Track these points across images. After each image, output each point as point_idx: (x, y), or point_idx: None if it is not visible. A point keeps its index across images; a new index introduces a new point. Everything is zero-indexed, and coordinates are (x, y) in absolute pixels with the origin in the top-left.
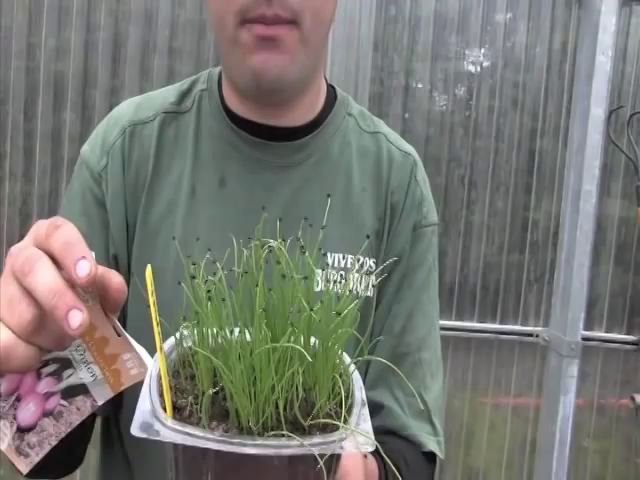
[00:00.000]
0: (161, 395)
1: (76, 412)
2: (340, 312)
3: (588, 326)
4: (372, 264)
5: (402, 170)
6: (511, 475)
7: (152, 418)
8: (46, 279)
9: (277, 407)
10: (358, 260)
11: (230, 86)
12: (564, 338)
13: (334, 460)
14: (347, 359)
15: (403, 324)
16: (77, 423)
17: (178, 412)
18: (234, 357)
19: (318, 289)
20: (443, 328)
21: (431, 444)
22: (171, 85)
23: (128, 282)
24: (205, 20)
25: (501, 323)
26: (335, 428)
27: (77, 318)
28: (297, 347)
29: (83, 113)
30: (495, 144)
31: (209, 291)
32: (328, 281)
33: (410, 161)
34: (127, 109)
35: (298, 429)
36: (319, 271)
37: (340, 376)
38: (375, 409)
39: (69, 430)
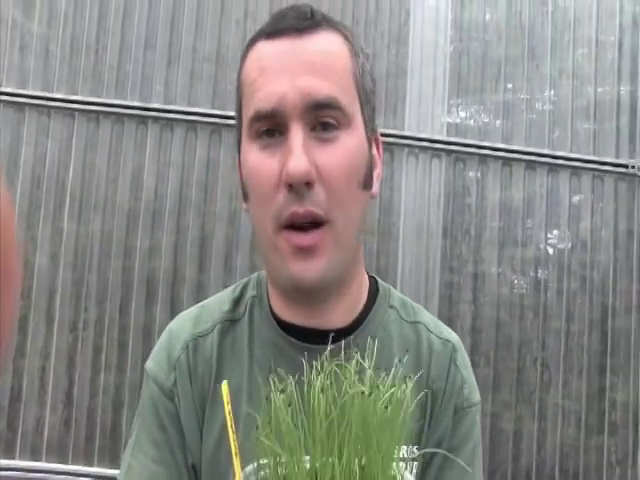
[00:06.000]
0: None
1: None
2: None
3: None
4: (415, 451)
5: (442, 358)
6: None
7: None
8: None
9: None
10: (401, 449)
11: (275, 289)
12: None
13: None
14: None
15: None
16: None
17: None
18: None
19: None
20: None
21: None
22: (224, 291)
23: None
24: None
25: None
26: None
27: None
28: None
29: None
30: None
31: None
32: None
33: (449, 348)
34: (186, 322)
35: None
36: None
37: None
38: None
39: None
